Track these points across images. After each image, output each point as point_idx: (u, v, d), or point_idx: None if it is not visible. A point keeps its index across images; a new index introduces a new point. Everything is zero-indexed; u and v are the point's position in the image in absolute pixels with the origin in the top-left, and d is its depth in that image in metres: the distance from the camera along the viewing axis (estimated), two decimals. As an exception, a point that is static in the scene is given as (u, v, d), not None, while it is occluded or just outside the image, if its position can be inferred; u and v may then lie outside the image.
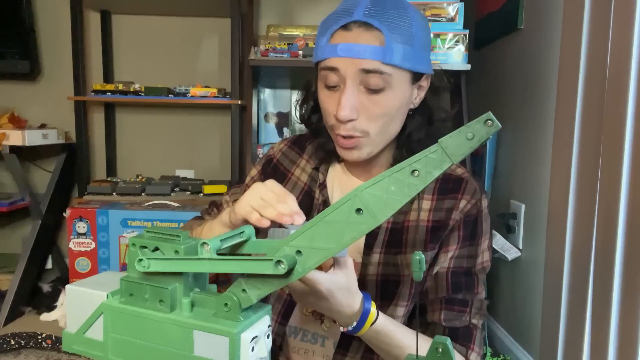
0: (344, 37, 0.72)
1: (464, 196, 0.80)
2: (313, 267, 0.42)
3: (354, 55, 0.71)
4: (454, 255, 0.80)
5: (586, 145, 1.17)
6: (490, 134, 0.36)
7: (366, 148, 0.76)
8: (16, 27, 2.06)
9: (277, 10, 2.21)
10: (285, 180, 0.91)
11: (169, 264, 0.44)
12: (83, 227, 1.82)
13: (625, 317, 1.01)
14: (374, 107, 0.73)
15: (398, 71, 0.72)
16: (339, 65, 0.72)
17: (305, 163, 0.92)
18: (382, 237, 0.82)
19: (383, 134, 0.76)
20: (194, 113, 2.28)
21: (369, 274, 0.81)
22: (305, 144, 0.93)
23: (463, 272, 0.80)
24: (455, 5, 1.61)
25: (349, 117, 0.72)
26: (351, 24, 0.72)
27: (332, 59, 0.73)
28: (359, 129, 0.74)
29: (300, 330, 0.88)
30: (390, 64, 0.71)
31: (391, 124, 0.76)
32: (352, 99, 0.72)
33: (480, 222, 0.81)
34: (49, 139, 1.97)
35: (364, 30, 0.71)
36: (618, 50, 1.05)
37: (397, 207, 0.39)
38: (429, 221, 0.81)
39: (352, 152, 0.77)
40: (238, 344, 0.42)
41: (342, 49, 0.72)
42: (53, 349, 1.73)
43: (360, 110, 0.73)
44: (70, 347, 0.50)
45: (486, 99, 1.97)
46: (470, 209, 0.80)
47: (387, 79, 0.72)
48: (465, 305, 0.80)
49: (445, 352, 0.39)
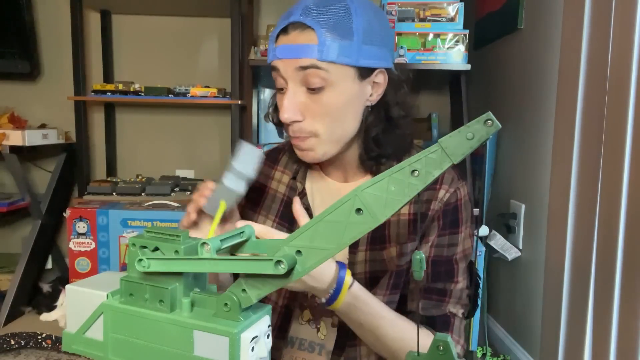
0: (284, 39, 0.74)
1: (442, 186, 0.80)
2: (313, 267, 0.42)
3: (291, 56, 0.72)
4: (434, 244, 0.80)
5: (586, 145, 1.17)
6: (490, 134, 0.36)
7: (319, 149, 0.76)
8: (16, 27, 2.06)
9: (277, 10, 2.21)
10: (263, 195, 0.90)
11: (169, 264, 0.44)
12: (83, 227, 1.82)
13: (626, 316, 1.01)
14: (316, 107, 0.74)
15: (337, 67, 0.72)
16: (279, 66, 0.74)
17: (280, 174, 0.91)
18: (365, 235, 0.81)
19: (334, 133, 0.76)
20: (194, 113, 2.28)
21: (357, 272, 0.81)
22: (277, 156, 0.93)
23: (443, 261, 0.80)
24: (455, 5, 1.61)
25: (291, 118, 0.74)
26: (289, 26, 0.73)
27: (274, 61, 0.75)
28: (305, 130, 0.75)
29: (296, 339, 0.87)
30: (326, 61, 0.71)
31: (340, 122, 0.76)
32: (294, 101, 0.74)
33: (460, 210, 0.81)
34: (49, 139, 1.97)
35: (300, 31, 0.72)
36: (618, 50, 1.05)
37: (397, 207, 0.39)
38: (410, 214, 0.81)
39: (307, 153, 0.77)
40: (238, 344, 0.42)
41: (280, 50, 0.73)
42: (53, 349, 1.73)
43: (304, 112, 0.74)
44: (70, 347, 0.50)
45: (486, 99, 1.97)
46: (449, 198, 0.80)
47: (324, 77, 0.72)
48: (443, 295, 0.80)
49: (446, 349, 0.39)
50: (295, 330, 0.87)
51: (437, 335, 0.40)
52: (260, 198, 0.90)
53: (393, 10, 1.62)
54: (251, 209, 0.90)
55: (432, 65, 1.60)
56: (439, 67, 1.60)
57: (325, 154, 0.77)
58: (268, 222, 0.88)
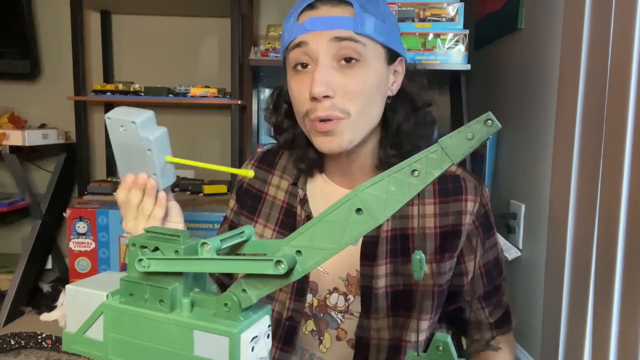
0: (311, 14, 0.68)
1: (467, 197, 0.77)
2: (313, 267, 0.42)
3: (324, 27, 0.66)
4: (482, 256, 0.80)
5: (587, 145, 1.17)
6: (490, 134, 0.36)
7: (347, 134, 0.70)
8: (16, 27, 2.06)
9: (277, 10, 2.21)
10: (260, 202, 0.86)
11: (169, 264, 0.44)
12: (83, 227, 1.82)
13: (627, 317, 1.01)
14: (350, 83, 0.68)
15: (371, 43, 0.68)
16: (309, 39, 0.68)
17: (278, 180, 0.86)
18: (384, 247, 0.78)
19: (365, 116, 0.70)
20: (194, 113, 2.28)
21: (378, 286, 0.77)
22: (274, 159, 0.88)
23: (492, 264, 0.81)
24: (455, 5, 1.61)
25: (324, 92, 0.66)
26: (316, 2, 0.68)
27: (302, 35, 0.68)
28: (338, 107, 0.68)
29: (299, 348, 0.85)
30: (363, 34, 0.67)
31: (370, 105, 0.70)
32: (326, 74, 0.67)
33: (489, 214, 0.82)
34: (49, 139, 1.97)
35: (331, 5, 0.68)
36: (619, 50, 1.05)
37: (397, 207, 0.39)
38: (437, 227, 0.77)
39: (332, 140, 0.70)
40: (238, 344, 0.42)
41: (310, 22, 0.67)
42: (53, 349, 1.73)
43: (337, 88, 0.68)
44: (70, 347, 0.50)
45: (486, 99, 1.97)
46: (479, 209, 0.78)
47: (360, 50, 0.67)
48: (498, 291, 0.82)
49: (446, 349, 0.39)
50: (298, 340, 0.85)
51: (437, 335, 0.40)
52: (257, 205, 0.86)
53: (393, 10, 1.62)
54: (248, 217, 0.86)
55: (432, 65, 1.60)
56: (439, 67, 1.60)
57: (352, 141, 0.71)
58: (267, 231, 0.83)
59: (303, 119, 0.73)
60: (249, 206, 0.87)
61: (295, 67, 0.71)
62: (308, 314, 0.84)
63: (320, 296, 0.83)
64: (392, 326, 0.79)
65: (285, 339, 0.82)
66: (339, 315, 0.82)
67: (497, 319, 0.84)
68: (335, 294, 0.82)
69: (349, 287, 0.81)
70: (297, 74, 0.72)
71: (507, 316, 0.86)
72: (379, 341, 0.79)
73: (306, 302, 0.83)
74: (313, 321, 0.84)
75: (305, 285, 0.81)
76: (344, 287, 0.82)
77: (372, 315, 0.79)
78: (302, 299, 0.82)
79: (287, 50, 0.72)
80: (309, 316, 0.84)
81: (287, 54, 0.72)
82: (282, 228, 0.83)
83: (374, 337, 0.79)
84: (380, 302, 0.78)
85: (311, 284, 0.83)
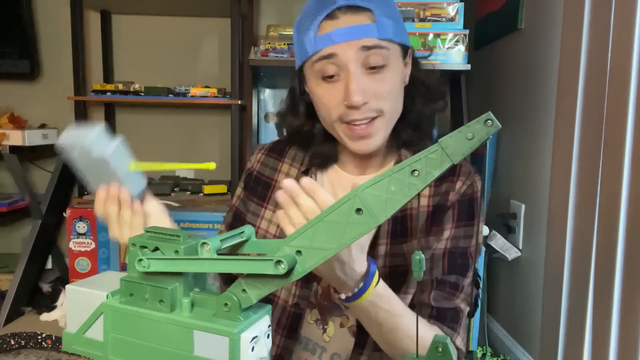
0: (333, 24, 0.71)
1: (459, 178, 0.81)
2: (313, 267, 0.43)
3: (351, 38, 0.70)
4: (451, 236, 0.79)
5: (586, 145, 1.17)
6: (490, 134, 0.36)
7: (381, 132, 0.75)
8: (16, 27, 2.06)
9: (277, 10, 2.21)
10: (270, 189, 0.88)
11: (169, 264, 0.44)
12: (83, 227, 1.82)
13: (626, 316, 1.01)
14: (380, 87, 0.72)
15: (393, 45, 0.73)
16: (337, 51, 0.70)
17: (288, 167, 0.88)
18: (386, 228, 0.80)
19: (395, 111, 0.76)
20: (194, 113, 2.28)
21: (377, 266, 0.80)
22: (284, 148, 0.90)
23: (459, 252, 0.79)
24: (455, 5, 1.61)
25: (362, 101, 0.70)
26: (336, 12, 0.71)
27: (328, 47, 0.71)
28: (373, 108, 0.73)
29: (304, 338, 0.86)
30: (386, 39, 0.71)
31: (399, 100, 0.76)
32: (361, 82, 0.71)
33: (476, 202, 0.81)
34: (49, 139, 1.97)
35: (351, 14, 0.71)
36: (618, 50, 1.05)
37: (397, 207, 0.39)
38: (429, 206, 0.81)
39: (368, 142, 0.75)
40: (238, 344, 0.42)
41: (336, 34, 0.70)
42: (53, 349, 1.73)
43: (368, 94, 0.72)
44: (70, 347, 0.50)
45: (486, 99, 1.97)
46: (466, 190, 0.80)
47: (386, 55, 0.71)
48: (456, 289, 0.78)
49: (445, 351, 0.39)
50: (303, 329, 0.86)
51: (436, 336, 0.40)
52: (267, 192, 0.88)
53: (393, 10, 1.62)
54: (258, 204, 0.89)
55: (432, 65, 1.60)
56: (439, 67, 1.60)
57: (385, 138, 0.77)
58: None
59: (333, 124, 0.76)
60: (259, 193, 0.89)
61: (323, 76, 0.74)
62: (313, 302, 0.85)
63: (324, 283, 0.84)
64: None
65: (291, 327, 0.84)
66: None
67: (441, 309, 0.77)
68: None
69: None
70: (325, 83, 0.75)
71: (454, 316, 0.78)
72: None
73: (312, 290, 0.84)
74: (318, 310, 0.85)
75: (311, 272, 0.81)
76: None
77: None
78: (309, 286, 0.83)
79: (312, 59, 0.74)
80: (314, 305, 0.85)
81: (311, 62, 0.74)
82: None
83: None
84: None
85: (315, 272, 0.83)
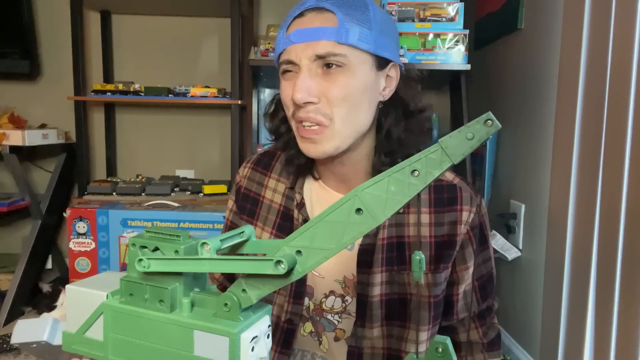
0: (298, 24, 0.71)
1: (463, 207, 0.78)
2: (313, 267, 0.42)
3: (308, 39, 0.69)
4: (475, 269, 0.80)
5: (587, 145, 1.17)
6: (490, 134, 0.36)
7: (332, 140, 0.71)
8: (16, 27, 2.06)
9: (277, 10, 2.21)
10: (258, 205, 0.86)
11: (169, 264, 0.44)
12: (83, 227, 1.82)
13: (626, 317, 1.01)
14: (333, 88, 0.69)
15: (356, 52, 0.70)
16: (294, 51, 0.70)
17: (275, 182, 0.86)
18: (380, 255, 0.78)
19: (349, 122, 0.71)
20: (194, 113, 2.28)
21: (373, 294, 0.78)
22: (270, 162, 0.88)
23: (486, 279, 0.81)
24: (455, 5, 1.61)
25: (305, 99, 0.69)
26: (305, 11, 0.71)
27: (288, 47, 0.71)
28: (321, 111, 0.70)
29: (299, 351, 0.86)
30: (346, 44, 0.68)
31: (355, 111, 0.71)
32: (309, 80, 0.69)
33: (485, 226, 0.81)
34: (49, 139, 1.97)
35: (316, 14, 0.70)
36: (619, 50, 1.05)
37: (397, 207, 0.39)
38: (432, 237, 0.78)
39: (316, 146, 0.72)
40: (238, 344, 0.42)
41: (295, 34, 0.70)
42: (53, 349, 1.73)
43: (320, 95, 0.69)
44: (70, 347, 0.50)
45: (486, 99, 1.97)
46: (474, 219, 0.78)
47: (342, 61, 0.69)
48: (491, 312, 0.83)
49: (445, 351, 0.39)
50: (297, 341, 0.85)
51: (436, 337, 0.40)
52: (256, 209, 0.86)
53: (393, 10, 1.62)
54: (248, 221, 0.87)
55: (432, 65, 1.60)
56: (439, 67, 1.60)
57: (338, 148, 0.72)
58: (265, 234, 0.84)
59: (291, 121, 0.76)
60: (248, 210, 0.87)
61: (283, 74, 0.75)
62: (306, 316, 0.84)
63: (316, 300, 0.83)
64: (386, 335, 0.79)
65: (284, 341, 0.82)
66: (336, 316, 0.83)
67: (490, 340, 0.84)
68: (332, 296, 0.82)
69: (346, 289, 0.82)
70: (284, 80, 0.75)
71: (498, 338, 0.87)
72: (372, 350, 0.79)
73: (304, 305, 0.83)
74: (311, 323, 0.84)
75: (303, 288, 0.82)
76: (340, 290, 0.82)
77: (367, 323, 0.79)
78: (300, 302, 0.82)
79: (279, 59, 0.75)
80: (306, 318, 0.84)
81: (278, 63, 0.76)
82: (279, 231, 0.83)
83: (367, 346, 0.79)
84: (374, 310, 0.78)
85: (307, 288, 0.83)
